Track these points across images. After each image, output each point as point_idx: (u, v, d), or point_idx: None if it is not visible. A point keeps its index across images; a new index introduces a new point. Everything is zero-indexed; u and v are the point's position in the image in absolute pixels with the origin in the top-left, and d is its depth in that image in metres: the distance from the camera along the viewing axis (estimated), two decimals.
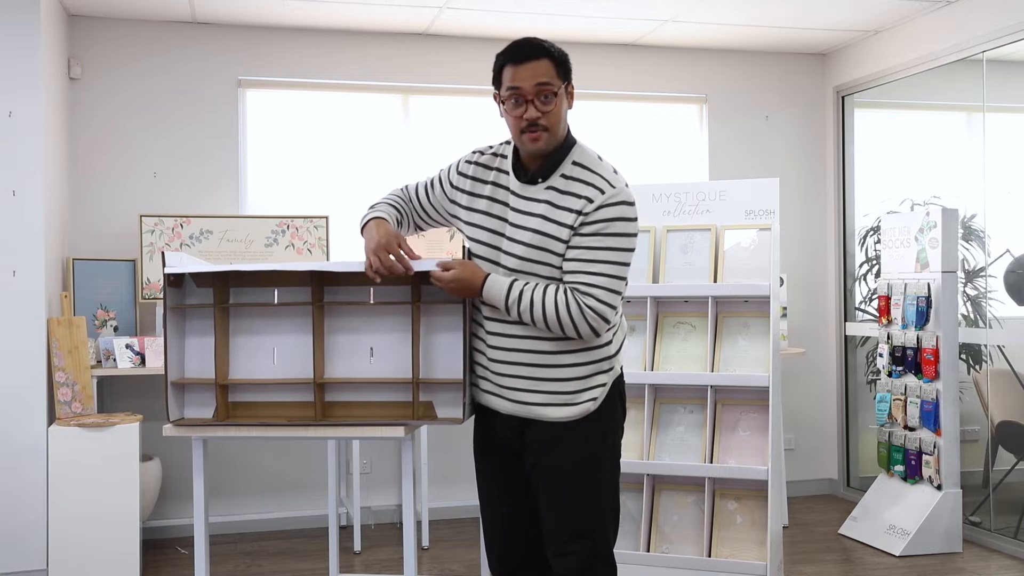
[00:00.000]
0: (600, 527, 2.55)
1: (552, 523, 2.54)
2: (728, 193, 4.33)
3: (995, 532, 4.80)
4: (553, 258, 2.45)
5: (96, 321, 4.80)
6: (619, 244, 2.42)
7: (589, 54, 5.65)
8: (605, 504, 2.56)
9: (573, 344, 2.48)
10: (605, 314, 2.42)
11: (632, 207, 2.45)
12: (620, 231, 2.42)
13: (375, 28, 5.33)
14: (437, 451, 5.33)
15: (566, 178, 2.47)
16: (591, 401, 2.50)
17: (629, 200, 2.45)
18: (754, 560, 3.93)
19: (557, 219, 2.44)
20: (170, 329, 2.62)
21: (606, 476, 2.56)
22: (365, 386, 2.65)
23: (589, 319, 2.41)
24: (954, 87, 5.33)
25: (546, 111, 2.43)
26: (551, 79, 2.44)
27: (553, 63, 2.45)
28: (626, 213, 2.43)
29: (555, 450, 2.51)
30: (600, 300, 2.41)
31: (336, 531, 3.61)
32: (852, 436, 5.88)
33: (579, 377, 2.50)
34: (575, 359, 2.49)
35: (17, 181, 4.25)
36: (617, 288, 2.44)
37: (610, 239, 2.41)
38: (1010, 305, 4.97)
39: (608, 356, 2.53)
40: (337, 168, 5.42)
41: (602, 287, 2.41)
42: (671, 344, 4.23)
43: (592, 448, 2.53)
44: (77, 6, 4.89)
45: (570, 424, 2.50)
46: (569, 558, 2.52)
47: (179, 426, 2.65)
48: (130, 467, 4.19)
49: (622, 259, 2.43)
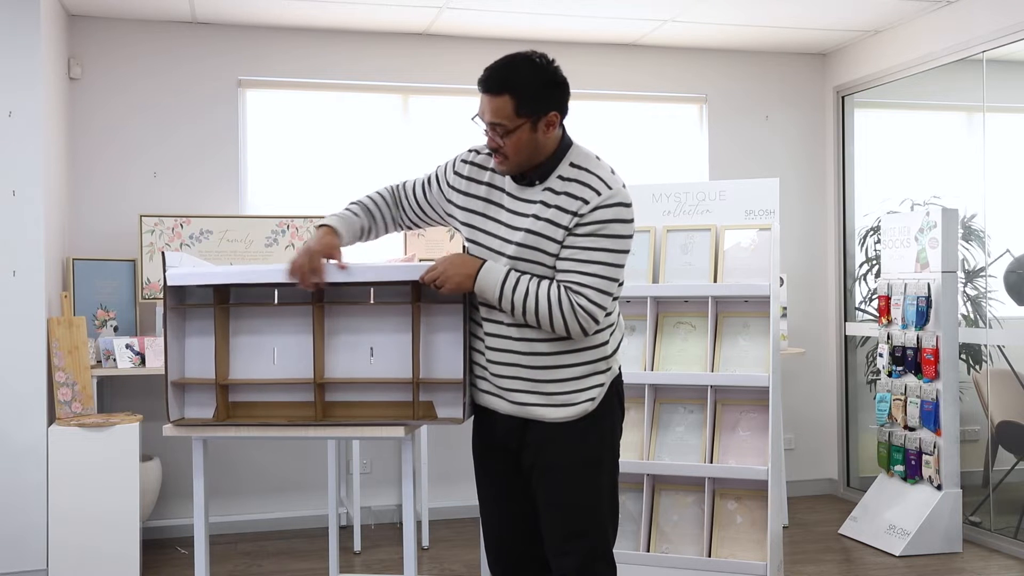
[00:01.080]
0: (599, 527, 2.55)
1: (551, 523, 2.54)
2: (728, 193, 4.33)
3: (995, 532, 4.80)
4: (546, 258, 2.45)
5: (96, 321, 4.80)
6: (614, 245, 2.42)
7: (589, 54, 5.65)
8: (604, 504, 2.56)
9: (569, 345, 2.47)
10: (595, 314, 2.42)
11: (628, 208, 2.44)
12: (615, 232, 2.42)
13: (375, 28, 5.33)
14: (437, 451, 5.33)
15: (563, 179, 2.46)
16: (589, 401, 2.50)
17: (626, 201, 2.44)
18: (754, 560, 3.93)
19: (552, 219, 2.43)
20: (170, 329, 2.62)
21: (604, 476, 2.56)
22: (365, 386, 2.65)
23: (580, 318, 2.41)
24: (954, 87, 5.33)
25: (503, 143, 2.42)
26: (506, 119, 2.38)
27: (516, 100, 2.37)
28: (622, 215, 2.42)
29: (553, 450, 2.51)
30: (591, 300, 2.41)
31: (336, 531, 3.61)
32: (852, 436, 5.89)
33: (576, 377, 2.49)
34: (571, 359, 2.49)
35: (17, 181, 4.25)
36: (608, 289, 2.44)
37: (605, 240, 2.41)
38: (1010, 305, 4.97)
39: (605, 356, 2.53)
40: (337, 168, 5.42)
41: (594, 287, 2.41)
42: (671, 344, 4.23)
43: (590, 448, 2.53)
44: (77, 6, 4.90)
45: (568, 424, 2.50)
46: (568, 558, 2.52)
47: (179, 426, 2.65)
48: (130, 467, 4.19)
49: (616, 260, 2.43)
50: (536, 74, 2.41)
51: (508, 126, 2.39)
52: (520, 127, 2.40)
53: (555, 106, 2.43)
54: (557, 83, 2.44)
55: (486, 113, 2.42)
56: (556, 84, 2.44)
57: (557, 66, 2.46)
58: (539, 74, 2.42)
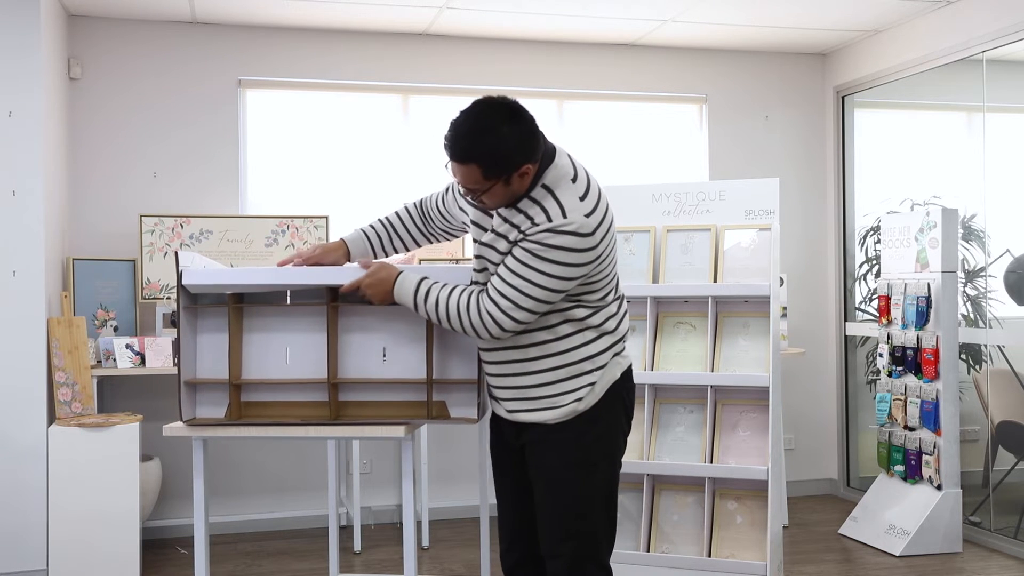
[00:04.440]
0: (590, 530, 2.53)
1: (544, 523, 2.55)
2: (728, 193, 4.33)
3: (995, 532, 4.80)
4: (495, 269, 2.48)
5: (96, 321, 4.80)
6: (550, 270, 2.36)
7: (589, 54, 5.65)
8: (597, 507, 2.54)
9: (543, 350, 2.47)
10: (501, 323, 2.40)
11: (584, 238, 2.36)
12: (557, 259, 2.35)
13: (375, 28, 5.33)
14: (437, 451, 5.33)
15: (530, 199, 2.43)
16: (576, 402, 2.49)
17: (582, 231, 2.35)
18: (754, 560, 3.93)
19: (505, 234, 2.44)
20: (183, 329, 2.62)
21: (598, 479, 2.54)
22: (377, 386, 2.66)
23: (486, 323, 2.41)
24: (954, 87, 5.33)
25: (480, 199, 2.44)
26: (476, 184, 2.39)
27: (481, 168, 2.35)
28: (571, 243, 2.35)
29: (546, 451, 2.52)
30: (502, 309, 2.39)
31: (336, 531, 3.61)
32: (852, 436, 5.88)
33: (555, 381, 2.49)
34: (544, 364, 2.49)
35: (17, 181, 4.25)
36: (530, 308, 2.39)
37: (542, 262, 2.36)
38: (1010, 305, 4.97)
39: (590, 356, 2.49)
40: (337, 168, 5.42)
41: (512, 300, 2.38)
42: (671, 344, 4.23)
43: (583, 450, 2.51)
44: (77, 6, 4.89)
45: (561, 426, 2.50)
46: (559, 560, 2.52)
47: (192, 426, 2.65)
48: (130, 467, 4.19)
49: (548, 284, 2.37)
50: (500, 142, 2.34)
51: (480, 188, 2.40)
52: (492, 187, 2.39)
53: (524, 160, 2.37)
54: (523, 142, 2.37)
55: (456, 175, 2.43)
56: (521, 144, 2.36)
57: (519, 115, 2.38)
58: (502, 142, 2.34)
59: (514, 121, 2.37)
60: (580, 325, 2.48)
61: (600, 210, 2.42)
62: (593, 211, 2.40)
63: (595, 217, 2.40)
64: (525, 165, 2.38)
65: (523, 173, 2.39)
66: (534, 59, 5.58)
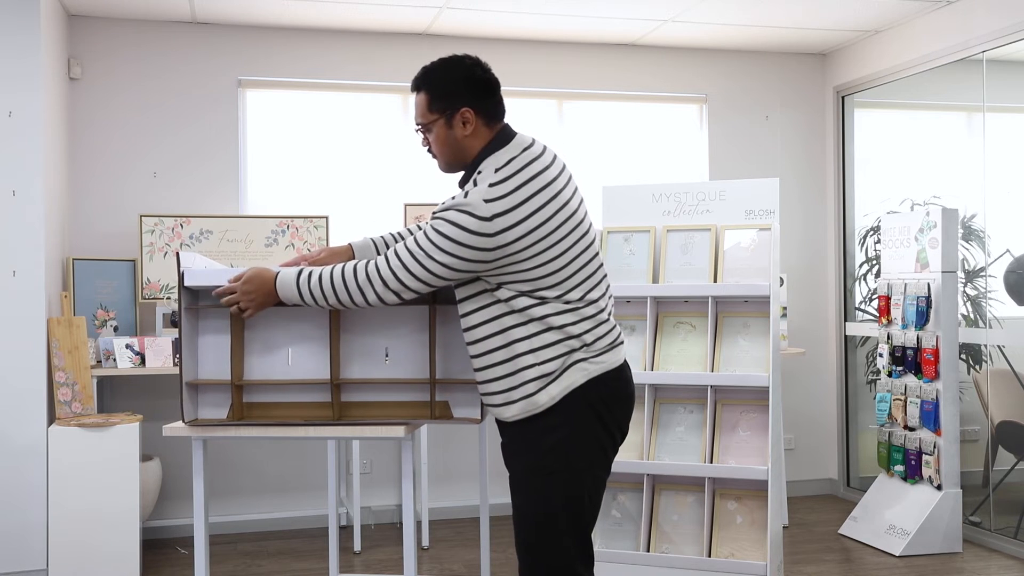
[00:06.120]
0: (543, 541, 2.41)
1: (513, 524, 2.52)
2: (728, 193, 4.33)
3: (995, 532, 4.80)
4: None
5: (96, 321, 4.80)
6: (443, 245, 2.33)
7: (589, 54, 5.65)
8: (553, 517, 2.39)
9: (485, 346, 2.41)
10: (386, 279, 2.39)
11: (480, 221, 2.30)
12: (450, 235, 2.32)
13: (375, 28, 5.33)
14: (437, 451, 5.33)
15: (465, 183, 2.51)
16: (525, 399, 2.39)
17: (476, 213, 2.31)
18: (754, 560, 3.93)
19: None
20: (185, 330, 2.62)
21: (555, 489, 2.39)
22: (380, 386, 2.66)
23: (370, 274, 2.41)
24: (954, 87, 5.32)
25: (429, 142, 2.52)
26: (422, 116, 2.49)
27: (428, 96, 2.47)
28: (464, 222, 2.31)
29: (507, 452, 2.51)
30: (391, 267, 2.39)
31: (336, 531, 3.61)
32: (852, 436, 5.88)
33: (501, 376, 2.41)
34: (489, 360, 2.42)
35: (17, 181, 4.25)
36: (417, 274, 2.36)
37: (437, 236, 2.34)
38: (1010, 305, 4.97)
39: (532, 349, 2.37)
40: (337, 168, 5.42)
41: (403, 262, 2.37)
42: (671, 344, 4.23)
43: (539, 456, 2.41)
44: (77, 6, 4.89)
45: (521, 426, 2.43)
46: (523, 570, 2.48)
47: (195, 427, 2.65)
48: (130, 467, 4.19)
49: (440, 258, 2.33)
50: (449, 71, 2.48)
51: (425, 122, 2.50)
52: (434, 122, 2.48)
53: (466, 102, 2.44)
54: (471, 80, 2.46)
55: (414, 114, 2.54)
56: (469, 80, 2.46)
57: (478, 66, 2.49)
58: (452, 71, 2.47)
59: (472, 68, 2.49)
60: (522, 317, 2.37)
61: (509, 201, 2.33)
62: (499, 198, 2.33)
63: (498, 204, 2.32)
64: (466, 108, 2.44)
65: (464, 120, 2.45)
66: (534, 59, 5.58)
